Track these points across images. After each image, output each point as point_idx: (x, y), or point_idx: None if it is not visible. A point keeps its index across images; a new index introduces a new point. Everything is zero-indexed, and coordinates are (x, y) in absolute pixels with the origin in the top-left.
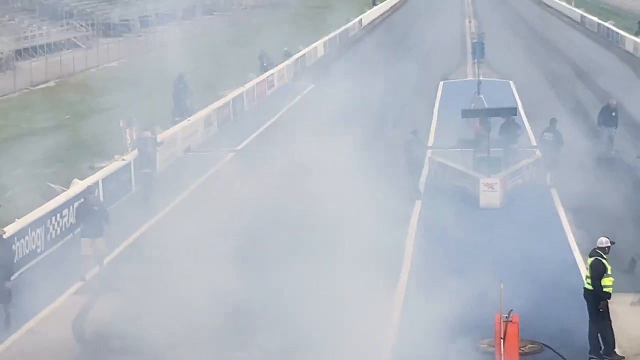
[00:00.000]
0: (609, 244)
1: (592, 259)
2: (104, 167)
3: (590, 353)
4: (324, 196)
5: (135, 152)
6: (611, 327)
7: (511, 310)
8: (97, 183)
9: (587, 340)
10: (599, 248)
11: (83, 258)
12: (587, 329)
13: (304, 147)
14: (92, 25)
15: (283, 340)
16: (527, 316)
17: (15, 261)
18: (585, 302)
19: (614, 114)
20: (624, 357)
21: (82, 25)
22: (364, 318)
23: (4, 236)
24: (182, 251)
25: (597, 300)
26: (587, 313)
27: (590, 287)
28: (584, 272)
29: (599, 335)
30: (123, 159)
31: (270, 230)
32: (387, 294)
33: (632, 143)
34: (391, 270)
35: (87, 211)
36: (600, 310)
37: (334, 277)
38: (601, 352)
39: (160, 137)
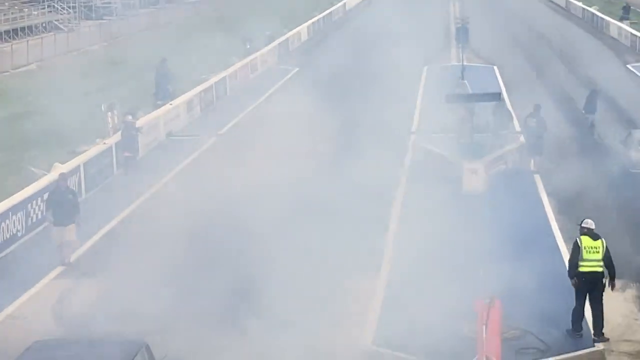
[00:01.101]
0: None
1: (602, 239)
2: (85, 151)
3: (578, 331)
4: (305, 180)
5: (117, 135)
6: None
7: (494, 295)
8: (78, 167)
9: (574, 322)
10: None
11: (57, 247)
12: (568, 314)
13: (286, 131)
14: (74, 8)
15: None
16: (509, 302)
17: None
18: (587, 286)
19: (597, 100)
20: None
21: (63, 8)
22: (347, 303)
23: None
24: (160, 236)
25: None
26: (583, 296)
27: (601, 269)
28: (588, 255)
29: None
30: (104, 143)
31: (251, 214)
32: (370, 280)
33: (615, 129)
34: (374, 257)
35: (59, 199)
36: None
37: (311, 265)
38: (594, 333)
39: (139, 122)
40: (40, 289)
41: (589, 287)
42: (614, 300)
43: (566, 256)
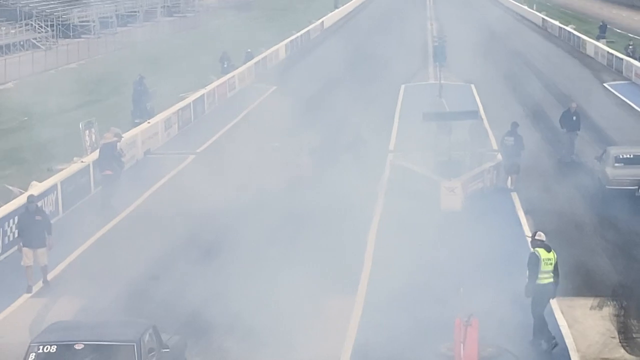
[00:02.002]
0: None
1: (553, 251)
2: (63, 169)
3: (550, 342)
4: (282, 199)
5: (95, 154)
6: None
7: (471, 314)
8: (55, 185)
9: (542, 332)
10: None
11: (26, 269)
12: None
13: (263, 149)
14: (52, 26)
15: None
16: (487, 320)
17: None
18: (545, 298)
19: (575, 117)
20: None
21: (41, 27)
22: (324, 319)
23: None
24: (138, 253)
25: None
26: (543, 307)
27: (553, 280)
28: (545, 267)
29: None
30: (82, 161)
31: (226, 233)
32: (348, 299)
33: (592, 147)
34: (351, 275)
35: (28, 221)
36: None
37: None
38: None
39: (119, 146)
40: (17, 307)
41: (545, 298)
42: (591, 318)
43: None
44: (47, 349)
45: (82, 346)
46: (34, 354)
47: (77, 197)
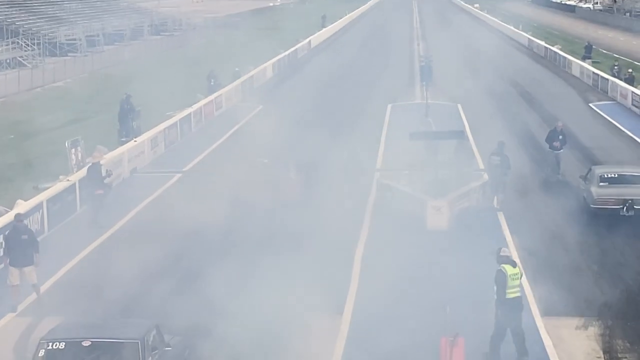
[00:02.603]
0: None
1: (519, 266)
2: (49, 187)
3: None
4: (269, 216)
5: (81, 172)
6: None
7: (457, 333)
8: (41, 203)
9: (517, 350)
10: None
11: (11, 288)
12: (532, 350)
13: (249, 169)
14: (38, 44)
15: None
16: (472, 339)
17: None
18: (515, 312)
19: (561, 136)
20: None
21: (28, 45)
22: (310, 338)
23: None
24: (124, 272)
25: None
26: (515, 323)
27: (520, 294)
28: (512, 282)
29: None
30: (68, 180)
31: (211, 252)
32: (334, 318)
33: (577, 166)
34: (338, 294)
35: (15, 239)
36: None
37: (275, 299)
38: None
39: (104, 170)
40: (1, 326)
41: (515, 312)
42: (577, 338)
43: (530, 294)
44: (55, 345)
45: (89, 343)
46: (43, 350)
47: (63, 215)
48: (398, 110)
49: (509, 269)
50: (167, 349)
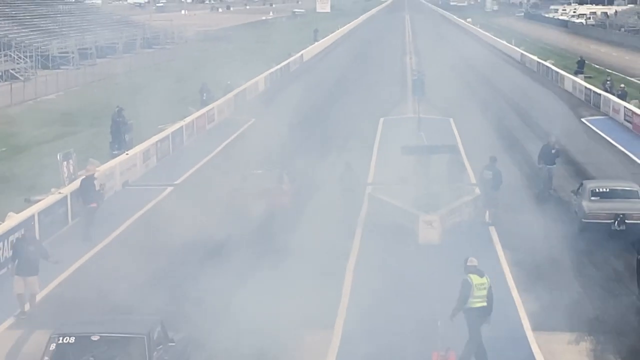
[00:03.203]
0: None
1: (486, 276)
2: (40, 200)
3: None
4: (260, 231)
5: (73, 185)
6: None
7: (448, 347)
8: (32, 216)
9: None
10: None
11: (17, 296)
12: None
13: (241, 182)
14: (31, 57)
15: None
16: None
17: None
18: (480, 320)
19: (553, 151)
20: None
21: (20, 57)
22: (301, 352)
23: None
24: (116, 285)
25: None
26: (478, 330)
27: (487, 304)
28: (477, 292)
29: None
30: (59, 192)
31: (203, 265)
32: (325, 333)
33: (569, 181)
34: (329, 308)
35: (22, 248)
36: None
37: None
38: None
39: (98, 184)
40: None
41: (481, 321)
42: (569, 354)
43: (522, 309)
44: (66, 340)
45: (97, 337)
46: (54, 344)
47: (55, 228)
48: (390, 124)
49: (475, 278)
50: (170, 344)
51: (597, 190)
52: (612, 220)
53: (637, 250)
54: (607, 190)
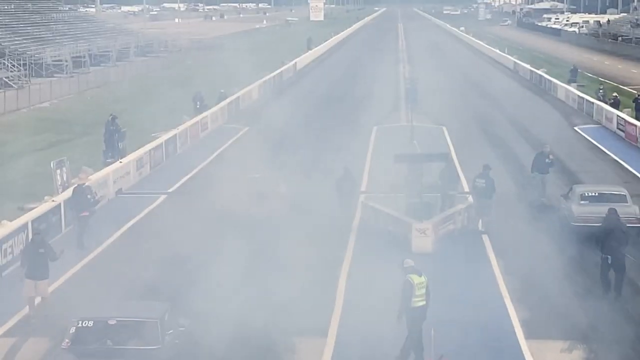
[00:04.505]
0: None
1: (424, 275)
2: (34, 208)
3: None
4: (252, 240)
5: (66, 193)
6: None
7: (442, 355)
8: (26, 224)
9: (402, 351)
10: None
11: (27, 299)
12: None
13: (235, 190)
14: (24, 65)
15: None
16: None
17: None
18: (419, 319)
19: (548, 161)
20: None
21: (14, 65)
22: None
23: None
24: (109, 293)
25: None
26: (420, 329)
27: (425, 302)
28: (418, 291)
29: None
30: (53, 200)
31: (197, 272)
32: (318, 341)
33: (562, 190)
34: (322, 316)
35: (32, 252)
36: None
37: (259, 319)
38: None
39: (90, 192)
40: None
41: (422, 319)
42: None
43: (514, 317)
44: (85, 323)
45: (114, 322)
46: (74, 327)
47: (48, 236)
48: (383, 133)
49: (415, 278)
50: (181, 328)
51: (587, 195)
52: (601, 223)
53: (600, 249)
54: (596, 194)
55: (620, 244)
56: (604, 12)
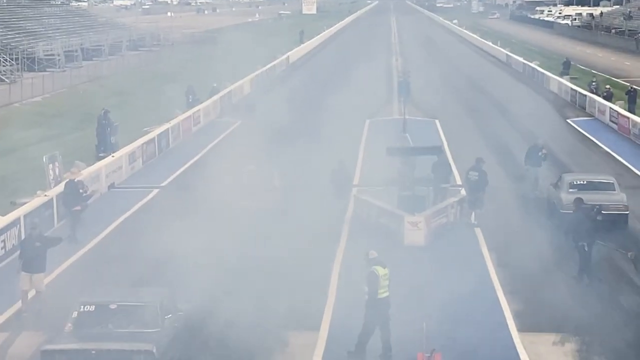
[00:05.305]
0: None
1: (387, 266)
2: (26, 203)
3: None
4: (245, 235)
5: (58, 188)
6: None
7: (434, 349)
8: (18, 219)
9: (361, 345)
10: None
11: (21, 292)
12: None
13: (227, 184)
14: (17, 59)
15: None
16: (449, 355)
17: None
18: (385, 310)
19: (541, 154)
20: None
21: (6, 60)
22: (287, 355)
23: None
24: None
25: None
26: (384, 320)
27: (388, 294)
28: (383, 282)
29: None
30: (45, 195)
31: (188, 266)
32: (311, 334)
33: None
34: (314, 310)
35: (28, 246)
36: None
37: (251, 314)
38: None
39: (82, 186)
40: None
41: (385, 310)
42: (554, 354)
43: (507, 310)
44: (87, 308)
45: (115, 306)
46: (76, 312)
47: (41, 230)
48: (376, 126)
49: (380, 270)
50: (179, 313)
51: (575, 183)
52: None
53: (573, 239)
54: (585, 182)
55: (592, 231)
56: (597, 5)
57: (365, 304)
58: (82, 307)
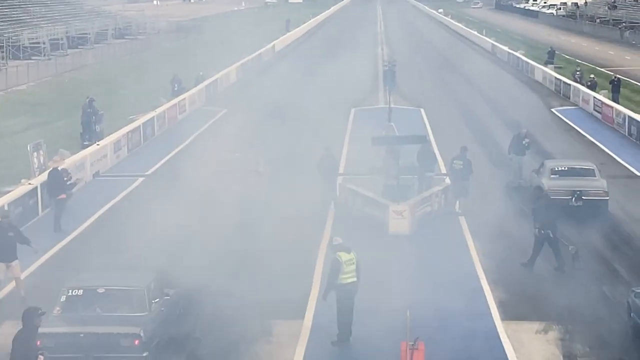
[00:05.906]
0: None
1: (353, 252)
2: (10, 191)
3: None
4: (230, 225)
5: (43, 176)
6: None
7: (417, 338)
8: (2, 207)
9: (344, 333)
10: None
11: None
12: (492, 356)
13: (212, 172)
14: (1, 47)
15: None
16: (433, 344)
17: None
18: (350, 295)
19: (524, 142)
20: None
21: None
22: (271, 343)
23: None
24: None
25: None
26: (349, 307)
27: (356, 279)
28: (347, 267)
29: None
30: (30, 183)
31: (173, 255)
32: (294, 324)
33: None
34: (299, 299)
35: (1, 236)
36: None
37: (235, 303)
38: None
39: (66, 175)
40: None
41: (350, 295)
42: (537, 343)
43: (490, 298)
44: (75, 292)
45: (103, 290)
46: (64, 296)
47: (25, 219)
48: (361, 115)
49: (343, 255)
50: (166, 297)
51: (557, 169)
52: (570, 197)
53: (540, 227)
54: (566, 168)
55: (554, 218)
56: None
57: (324, 290)
58: (70, 291)
